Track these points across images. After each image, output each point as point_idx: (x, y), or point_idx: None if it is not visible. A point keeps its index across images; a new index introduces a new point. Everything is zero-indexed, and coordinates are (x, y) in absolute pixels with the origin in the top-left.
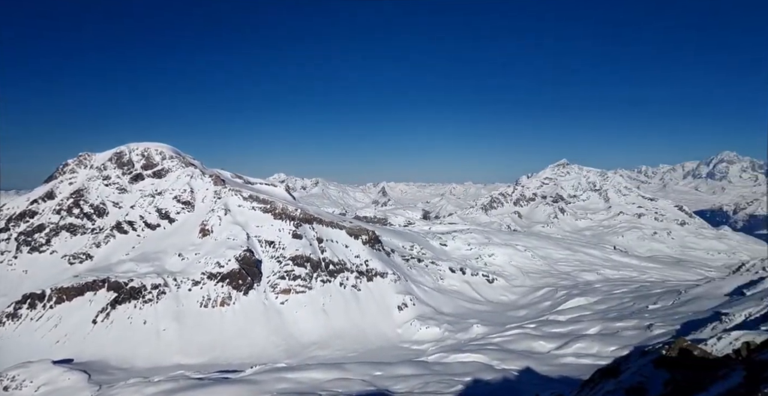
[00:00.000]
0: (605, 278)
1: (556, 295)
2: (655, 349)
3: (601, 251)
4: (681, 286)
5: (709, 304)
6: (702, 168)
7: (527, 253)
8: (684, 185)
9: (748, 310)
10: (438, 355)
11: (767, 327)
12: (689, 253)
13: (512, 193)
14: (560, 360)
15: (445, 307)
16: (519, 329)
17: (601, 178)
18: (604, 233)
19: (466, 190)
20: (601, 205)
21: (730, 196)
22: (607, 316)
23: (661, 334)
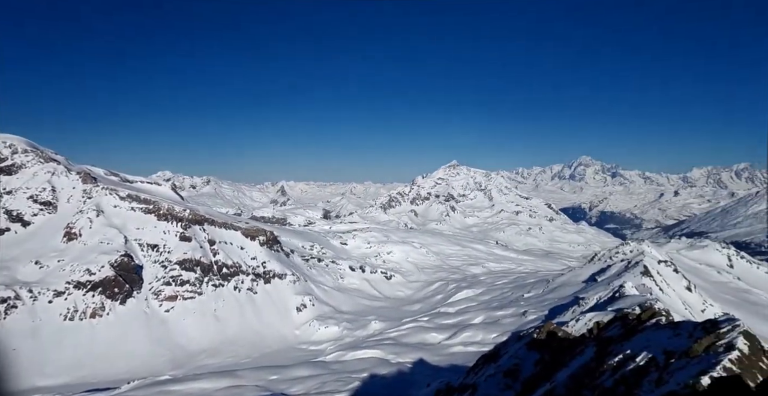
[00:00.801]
0: (489, 271)
1: (447, 288)
2: (528, 334)
3: (485, 246)
4: (549, 276)
5: (570, 291)
6: (566, 170)
7: (422, 250)
8: (552, 185)
9: (599, 294)
10: (336, 354)
11: (613, 308)
12: (556, 245)
13: (409, 192)
14: (450, 349)
15: (345, 306)
16: (414, 323)
17: (486, 179)
18: (488, 229)
19: (366, 190)
20: (486, 203)
21: (586, 195)
22: (490, 305)
23: (533, 319)
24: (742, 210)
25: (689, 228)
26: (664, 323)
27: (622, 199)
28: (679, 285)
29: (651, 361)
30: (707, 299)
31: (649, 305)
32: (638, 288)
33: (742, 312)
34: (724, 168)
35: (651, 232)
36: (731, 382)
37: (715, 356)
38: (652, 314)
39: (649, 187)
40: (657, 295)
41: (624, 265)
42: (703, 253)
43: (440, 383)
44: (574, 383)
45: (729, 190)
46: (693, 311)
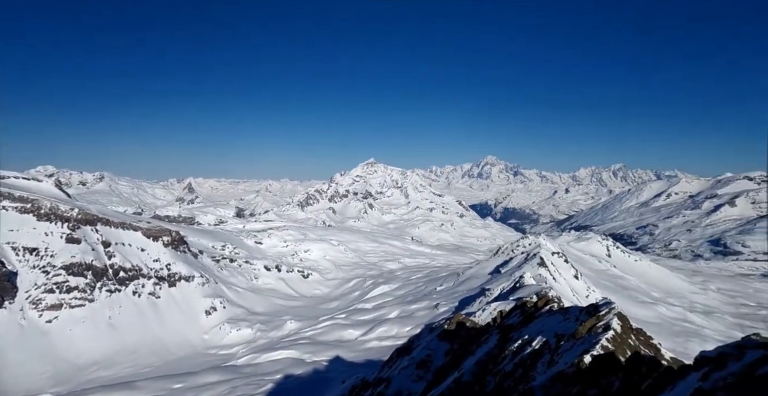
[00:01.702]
0: (405, 266)
1: (364, 284)
2: (439, 325)
3: (401, 242)
4: (460, 269)
5: (478, 282)
6: (474, 169)
7: (340, 247)
8: (462, 183)
9: (503, 285)
10: (249, 357)
11: (514, 297)
12: (466, 240)
13: (327, 189)
14: (366, 345)
15: (259, 307)
16: (331, 321)
17: (402, 177)
18: (404, 226)
19: (282, 187)
20: (402, 200)
21: (492, 192)
22: (405, 300)
23: (445, 311)
24: (618, 206)
25: (577, 222)
26: (556, 309)
27: (523, 196)
28: (568, 274)
29: (545, 344)
30: (591, 286)
31: (544, 293)
32: (536, 278)
33: (617, 296)
34: (604, 168)
35: (546, 226)
36: (607, 358)
37: (595, 336)
38: (547, 301)
39: (545, 185)
40: (551, 284)
41: (524, 257)
42: (587, 244)
43: (356, 379)
44: (479, 369)
45: (608, 187)
46: (579, 297)
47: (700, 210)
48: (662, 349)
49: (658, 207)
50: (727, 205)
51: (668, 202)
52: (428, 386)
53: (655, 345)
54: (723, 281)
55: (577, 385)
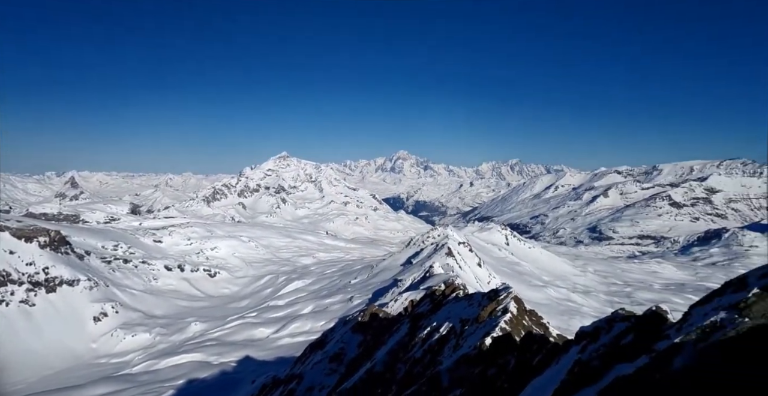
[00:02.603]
0: (319, 261)
1: (277, 281)
2: (353, 318)
3: (316, 237)
4: (374, 262)
5: (391, 274)
6: (387, 163)
7: (251, 244)
8: (376, 177)
9: (414, 275)
10: (146, 364)
11: (424, 286)
12: (380, 233)
13: (236, 184)
14: (278, 343)
15: (159, 310)
16: (240, 320)
17: (317, 171)
18: (319, 220)
19: (185, 182)
20: (316, 195)
21: (404, 186)
22: (319, 295)
23: (359, 304)
24: (515, 198)
25: (480, 213)
26: (461, 296)
27: (432, 190)
28: (472, 262)
29: (451, 330)
30: (492, 272)
31: (451, 281)
32: (444, 267)
33: (514, 281)
34: (503, 163)
35: (453, 217)
36: (504, 339)
37: (495, 319)
38: (453, 289)
39: (452, 179)
40: (457, 272)
41: (433, 248)
42: (489, 234)
43: (266, 378)
44: (391, 358)
45: (507, 181)
46: (482, 283)
47: (581, 201)
48: (550, 328)
49: (548, 198)
50: (601, 196)
51: (556, 193)
52: (341, 379)
53: (545, 324)
54: (598, 264)
55: (479, 365)
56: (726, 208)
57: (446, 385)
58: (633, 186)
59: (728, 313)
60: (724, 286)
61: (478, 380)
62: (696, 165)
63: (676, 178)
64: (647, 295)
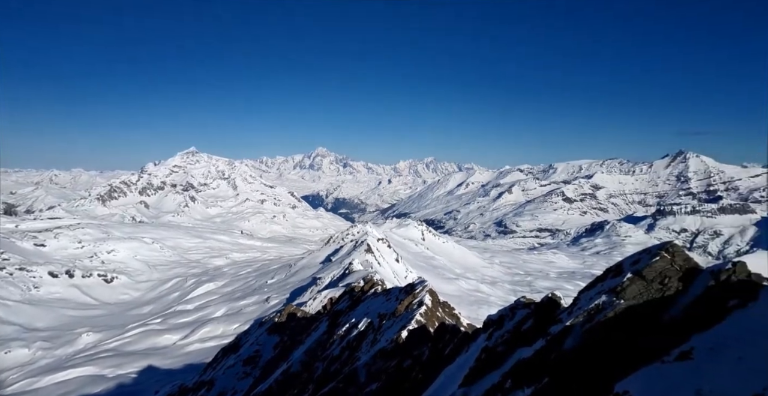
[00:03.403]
0: (233, 261)
1: (185, 284)
2: (269, 319)
3: (229, 236)
4: (292, 261)
5: (309, 272)
6: (306, 160)
7: (155, 246)
8: (294, 174)
9: (333, 273)
10: (23, 383)
11: (344, 283)
12: (298, 231)
13: (137, 181)
14: (185, 349)
15: (41, 321)
16: (142, 327)
17: (230, 167)
18: (233, 219)
19: (74, 179)
20: (230, 192)
21: (323, 183)
22: (233, 296)
23: (276, 304)
24: (430, 194)
25: (398, 210)
26: (380, 291)
27: (352, 187)
28: (391, 258)
29: (369, 325)
30: (409, 267)
31: (370, 277)
32: (363, 263)
33: (430, 274)
34: (419, 160)
35: (373, 214)
36: (419, 331)
37: (411, 312)
38: (372, 285)
39: (371, 176)
40: (376, 268)
41: (353, 244)
42: (406, 230)
43: (172, 387)
44: (308, 357)
45: (423, 178)
46: (399, 278)
47: (489, 197)
48: (462, 318)
49: (460, 195)
50: (506, 193)
51: (467, 190)
52: (256, 382)
53: (457, 315)
54: (503, 255)
55: (396, 358)
56: (607, 203)
57: (363, 381)
58: (533, 183)
59: (608, 296)
60: (605, 272)
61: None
62: (584, 164)
63: (569, 175)
64: (545, 283)
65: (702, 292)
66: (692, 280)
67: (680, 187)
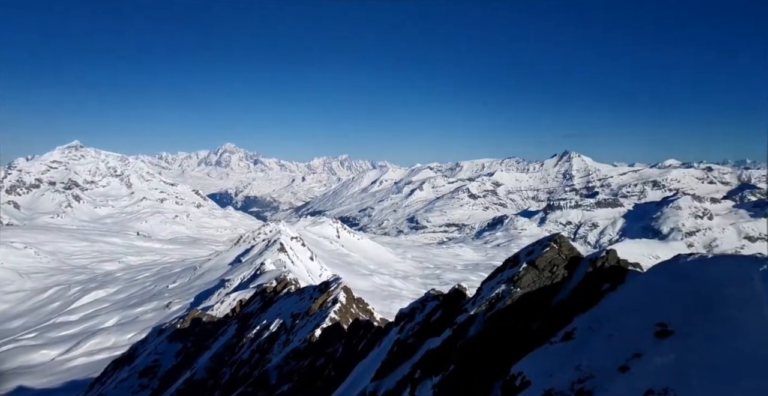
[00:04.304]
0: (128, 266)
1: (68, 293)
2: (171, 326)
3: (123, 238)
4: (197, 263)
5: (217, 274)
6: (212, 156)
7: (28, 251)
8: (199, 171)
9: (243, 274)
10: None
11: (255, 284)
12: (204, 231)
13: (4, 179)
14: (68, 365)
15: None
16: (12, 344)
17: (123, 164)
18: (127, 220)
19: None
20: (123, 191)
21: (232, 180)
22: (128, 304)
23: (179, 309)
24: (345, 192)
25: (313, 208)
26: (293, 291)
27: (264, 185)
28: (305, 256)
29: (282, 326)
30: (324, 265)
31: (283, 277)
32: (276, 263)
33: (344, 271)
34: (334, 158)
35: (286, 213)
36: (333, 328)
37: (325, 310)
38: (285, 285)
39: (284, 174)
40: (290, 268)
41: (265, 244)
42: (321, 228)
43: None
44: (215, 363)
45: (337, 176)
46: (314, 277)
47: (402, 194)
48: (375, 313)
49: (374, 192)
50: (418, 190)
51: (381, 188)
52: (153, 394)
53: (371, 310)
54: (415, 250)
55: (309, 357)
56: (507, 199)
57: (274, 383)
58: (442, 180)
59: (507, 285)
60: (504, 263)
61: (306, 372)
62: (486, 162)
63: (473, 173)
64: (453, 275)
65: (582, 278)
66: (575, 268)
67: (566, 183)
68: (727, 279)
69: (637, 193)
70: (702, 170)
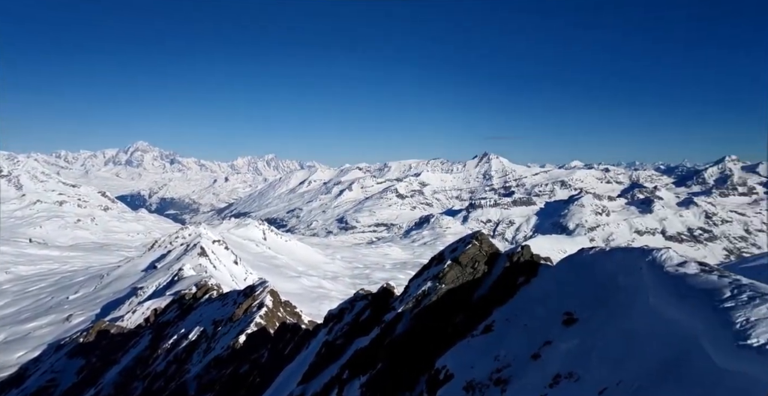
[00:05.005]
0: (18, 276)
1: None
2: (72, 340)
3: (13, 246)
4: (104, 270)
5: (128, 282)
6: (121, 155)
7: None
8: (106, 171)
9: (159, 281)
10: None
11: (172, 291)
12: (113, 236)
13: None
14: None
15: None
16: None
17: (12, 163)
18: (17, 225)
19: None
20: (12, 193)
21: (146, 181)
22: (17, 319)
23: (82, 322)
24: (272, 192)
25: (237, 209)
26: (215, 297)
27: (182, 185)
28: (228, 260)
29: (203, 334)
30: (249, 269)
31: (204, 283)
32: (196, 269)
33: (271, 274)
34: (259, 157)
35: (207, 215)
36: (259, 333)
37: (251, 315)
38: (206, 291)
39: (204, 174)
40: (211, 273)
41: (184, 248)
42: (246, 230)
43: None
44: (125, 378)
45: (263, 176)
46: (238, 281)
47: (331, 194)
48: (303, 315)
49: (303, 193)
50: (347, 190)
51: (309, 188)
52: None
53: (298, 313)
54: (344, 251)
55: (232, 365)
56: (433, 198)
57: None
58: (371, 181)
59: (432, 282)
60: (431, 261)
61: (228, 381)
62: (413, 163)
63: (401, 173)
64: (382, 274)
65: (501, 272)
66: (495, 263)
67: (486, 183)
68: (620, 269)
69: (548, 192)
70: (601, 171)
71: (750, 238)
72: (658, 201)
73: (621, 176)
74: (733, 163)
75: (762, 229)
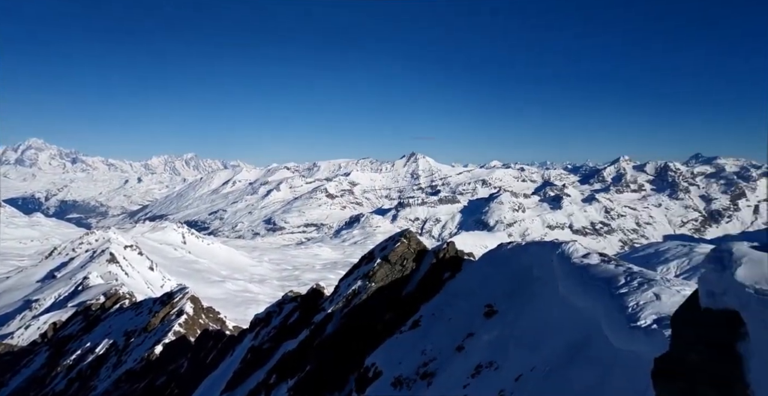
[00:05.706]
0: None
1: None
2: None
3: None
4: None
5: (20, 295)
6: (10, 154)
7: None
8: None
9: (59, 291)
10: None
11: (75, 302)
12: (1, 245)
13: None
14: None
15: None
16: None
17: None
18: None
19: None
20: None
21: (41, 182)
22: None
23: None
24: (192, 193)
25: (152, 212)
26: (127, 306)
27: (86, 187)
28: (143, 266)
29: (112, 346)
30: (166, 275)
31: (114, 291)
32: (104, 276)
33: (192, 280)
34: (177, 157)
35: (117, 218)
36: (178, 342)
37: (168, 324)
38: (117, 300)
39: (113, 174)
40: (123, 280)
41: (89, 255)
42: (163, 233)
43: None
44: None
45: (182, 176)
46: (154, 288)
47: (257, 195)
48: (227, 321)
49: (227, 193)
50: (275, 190)
51: (234, 189)
52: None
53: (222, 319)
54: (272, 252)
55: (147, 378)
56: (363, 198)
57: None
58: (299, 180)
59: (363, 281)
60: (361, 260)
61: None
62: (343, 162)
63: (330, 173)
64: (311, 275)
65: (428, 268)
66: (422, 260)
67: (414, 183)
68: (535, 262)
69: (470, 190)
70: (517, 170)
71: (640, 230)
72: (566, 198)
73: (535, 175)
74: (626, 163)
75: (649, 222)
